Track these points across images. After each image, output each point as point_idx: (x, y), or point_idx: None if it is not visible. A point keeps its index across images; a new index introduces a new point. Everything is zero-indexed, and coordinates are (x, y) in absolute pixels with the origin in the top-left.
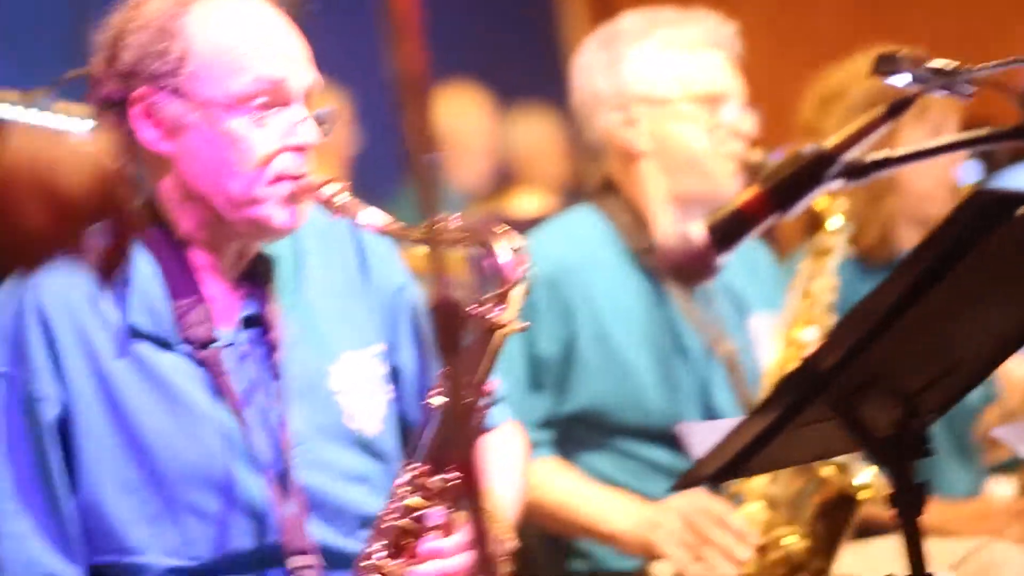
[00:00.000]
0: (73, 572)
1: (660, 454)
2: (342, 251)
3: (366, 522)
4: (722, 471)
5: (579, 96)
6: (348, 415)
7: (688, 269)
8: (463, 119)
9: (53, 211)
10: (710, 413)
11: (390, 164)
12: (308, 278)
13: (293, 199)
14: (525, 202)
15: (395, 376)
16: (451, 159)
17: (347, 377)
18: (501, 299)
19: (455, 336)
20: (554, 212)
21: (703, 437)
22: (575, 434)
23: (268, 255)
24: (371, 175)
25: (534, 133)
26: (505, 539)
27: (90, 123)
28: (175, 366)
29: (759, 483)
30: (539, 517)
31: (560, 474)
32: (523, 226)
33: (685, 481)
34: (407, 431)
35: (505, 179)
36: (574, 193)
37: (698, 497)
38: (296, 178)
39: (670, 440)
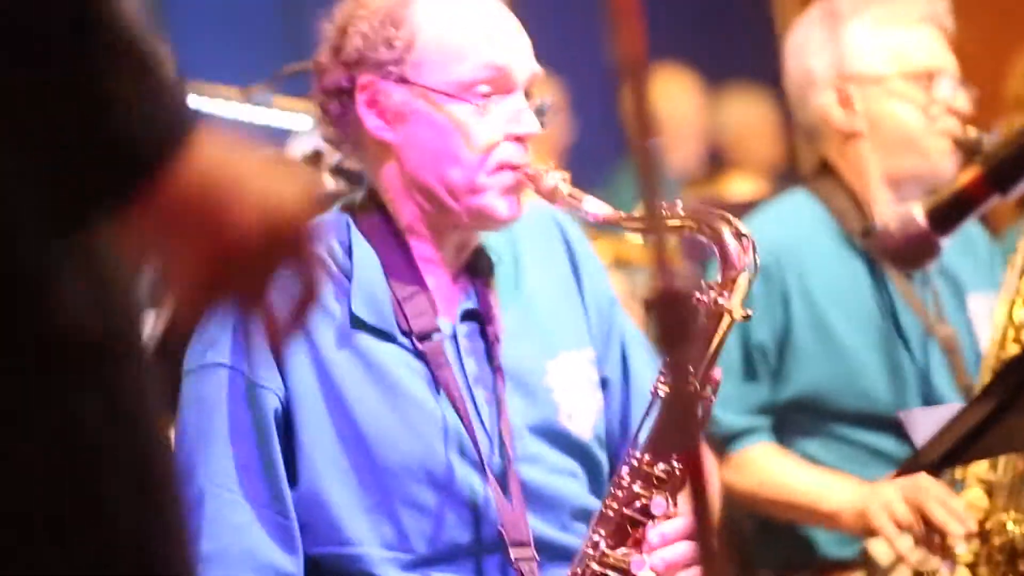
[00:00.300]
0: (292, 563)
1: (879, 440)
2: (555, 252)
3: (579, 515)
4: (945, 458)
5: (793, 76)
6: (565, 414)
7: (909, 253)
8: (673, 103)
9: (237, 240)
10: (929, 398)
11: (602, 154)
12: (526, 273)
13: (514, 189)
14: (738, 186)
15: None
16: (663, 144)
17: (564, 376)
18: (726, 286)
19: (681, 326)
20: (767, 196)
21: (925, 423)
22: (791, 421)
23: (487, 248)
24: (583, 166)
25: (746, 115)
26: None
27: (309, 119)
28: (395, 358)
29: (979, 469)
30: (757, 503)
31: (777, 459)
32: (738, 210)
33: (907, 467)
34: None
35: (716, 162)
36: (787, 176)
37: (920, 477)
38: (517, 167)
39: (889, 426)
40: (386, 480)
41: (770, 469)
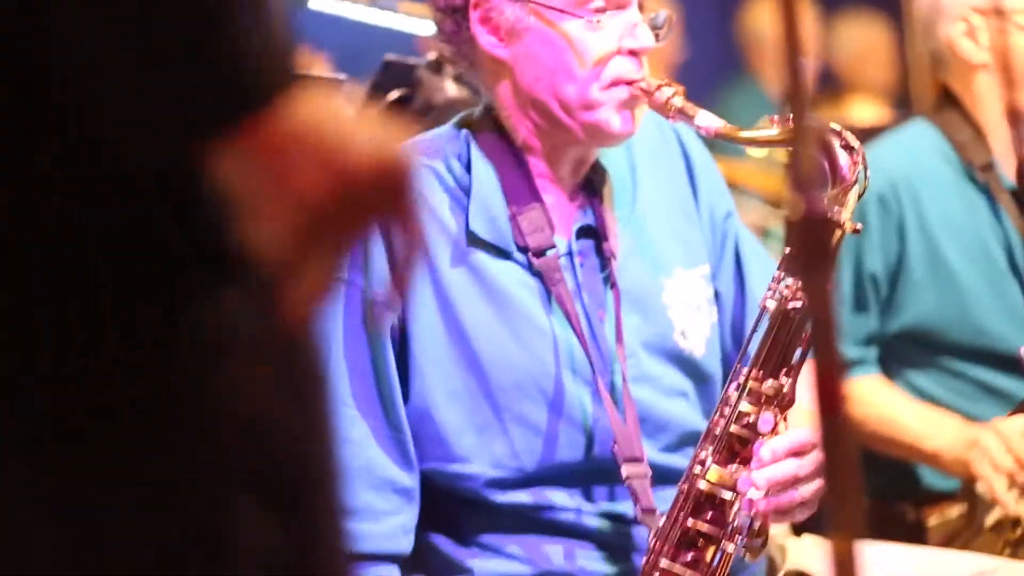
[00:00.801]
0: (409, 478)
1: (992, 377)
2: (672, 167)
3: (688, 438)
4: None
5: (921, 4)
6: (679, 331)
7: None
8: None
9: (335, 190)
10: None
11: (712, 73)
12: (642, 191)
13: (629, 103)
14: (854, 109)
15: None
16: (775, 66)
17: (679, 294)
18: (836, 199)
19: (823, 250)
20: (886, 122)
21: None
22: (901, 352)
23: (603, 166)
24: (694, 84)
25: (861, 39)
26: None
27: (432, 26)
28: (511, 274)
29: None
30: (862, 435)
31: (884, 392)
32: (858, 136)
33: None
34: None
35: (831, 85)
36: (902, 102)
37: (1021, 423)
38: (632, 82)
39: (1003, 362)
40: (497, 397)
41: (876, 403)
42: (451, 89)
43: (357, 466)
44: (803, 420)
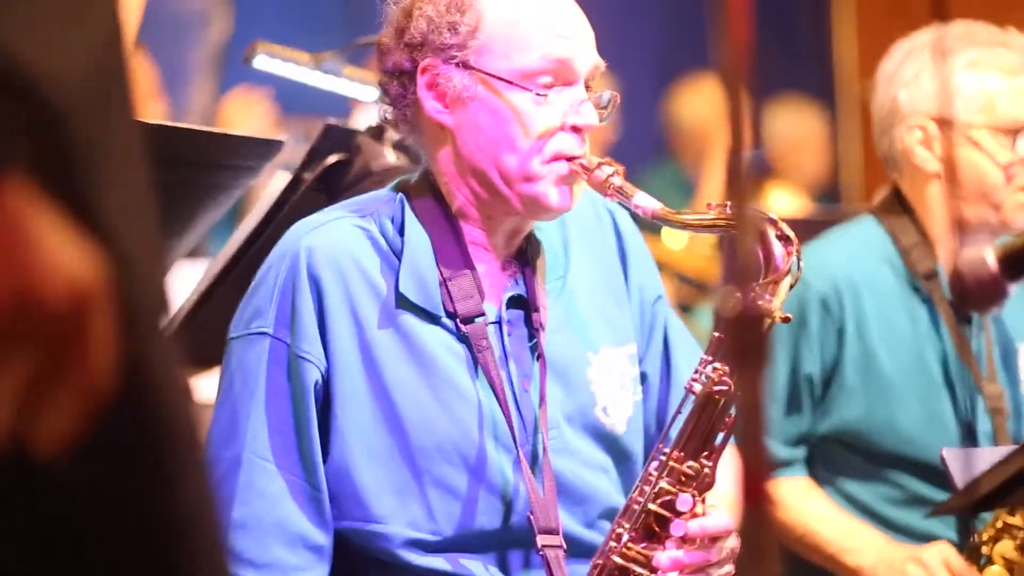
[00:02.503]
0: (322, 535)
1: (916, 484)
2: (605, 245)
3: (606, 513)
4: (985, 500)
5: (879, 103)
6: (601, 407)
7: (976, 296)
8: (719, 110)
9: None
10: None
11: (637, 154)
12: (573, 266)
13: (568, 179)
14: (780, 198)
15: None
16: (708, 151)
17: (604, 370)
18: (767, 288)
19: (758, 346)
20: (808, 211)
21: (966, 465)
22: (831, 456)
23: (537, 238)
24: (624, 161)
25: (793, 128)
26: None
27: (375, 91)
28: (438, 339)
29: (1005, 547)
30: (784, 536)
31: (810, 498)
32: (794, 228)
33: (945, 507)
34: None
35: (760, 173)
36: (831, 195)
37: (944, 550)
38: (573, 158)
39: (927, 471)
40: (418, 460)
41: (801, 508)
42: (390, 156)
43: (271, 520)
44: (722, 505)
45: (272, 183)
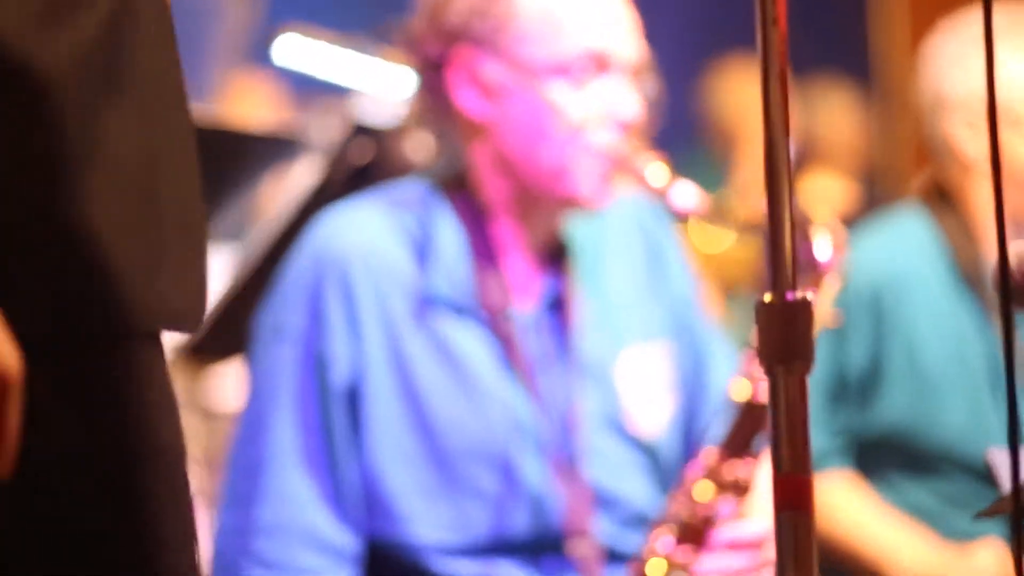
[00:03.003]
0: (349, 539)
1: (963, 484)
2: (642, 243)
3: (642, 517)
4: None
5: (924, 91)
6: (637, 407)
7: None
8: (754, 95)
9: None
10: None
11: (667, 137)
12: (609, 263)
13: (607, 173)
14: (822, 184)
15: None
16: (742, 138)
17: (639, 370)
18: (814, 288)
19: (798, 340)
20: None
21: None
22: (874, 460)
23: (574, 233)
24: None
25: (834, 111)
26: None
27: (413, 77)
28: (469, 337)
29: None
30: (825, 542)
31: (853, 497)
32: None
33: (992, 510)
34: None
35: (802, 159)
36: (871, 178)
37: (994, 556)
38: (611, 152)
39: (973, 471)
40: (447, 462)
41: (844, 508)
42: (416, 155)
43: (297, 525)
44: (762, 510)
45: (294, 175)
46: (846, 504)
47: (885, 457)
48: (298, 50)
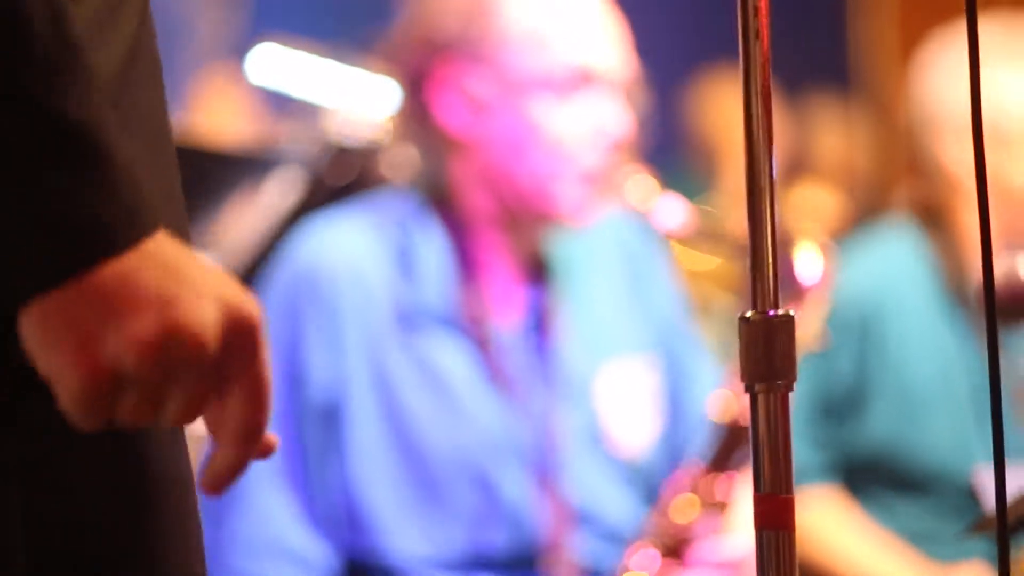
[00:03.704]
0: (324, 554)
1: (948, 502)
2: (627, 257)
3: (622, 532)
4: (1018, 524)
5: (914, 106)
6: (619, 421)
7: (1009, 307)
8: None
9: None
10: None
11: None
12: (592, 278)
13: (590, 188)
14: (813, 197)
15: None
16: (723, 153)
17: (621, 384)
18: (799, 306)
19: (783, 358)
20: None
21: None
22: (864, 475)
23: (556, 248)
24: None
25: (823, 124)
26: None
27: (394, 89)
28: (452, 351)
29: None
30: (806, 561)
31: (835, 514)
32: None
33: (978, 527)
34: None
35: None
36: (863, 192)
37: (975, 572)
38: (595, 168)
39: (957, 489)
40: (427, 478)
41: (825, 521)
42: (395, 172)
43: (270, 536)
44: (742, 528)
45: (267, 193)
46: (827, 521)
47: (872, 475)
48: (275, 63)
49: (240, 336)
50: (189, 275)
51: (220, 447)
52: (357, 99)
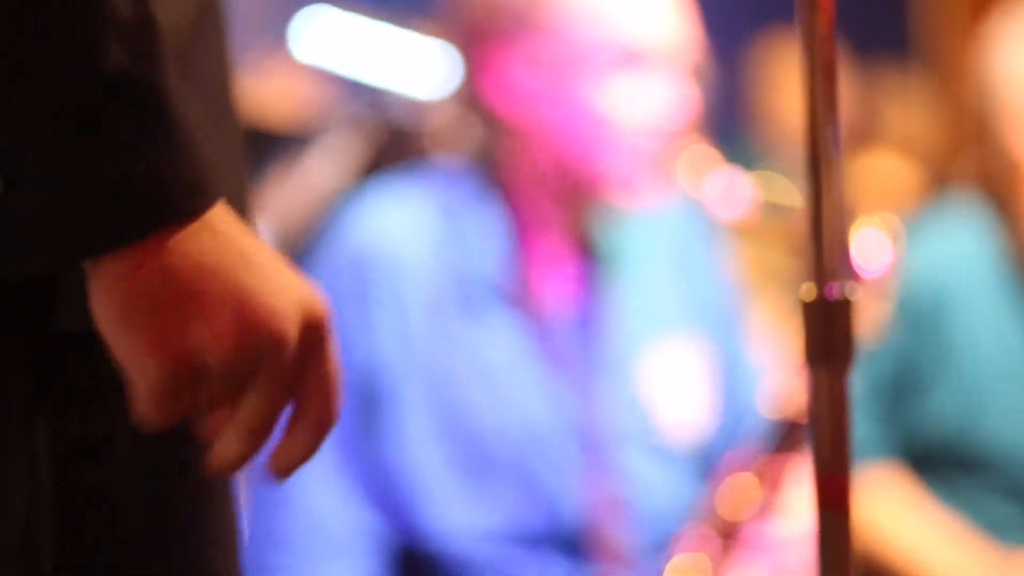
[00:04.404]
0: (367, 539)
1: (1013, 488)
2: (679, 240)
3: (674, 515)
4: None
5: (981, 84)
6: (670, 403)
7: None
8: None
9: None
10: None
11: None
12: (645, 260)
13: (643, 170)
14: (882, 166)
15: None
16: (785, 124)
17: (672, 366)
18: (863, 287)
19: (839, 341)
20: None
21: None
22: (931, 456)
23: (608, 228)
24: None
25: (894, 94)
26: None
27: (450, 63)
28: (499, 329)
29: None
30: (865, 543)
31: (899, 493)
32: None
33: None
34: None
35: (859, 142)
36: (934, 161)
37: None
38: (651, 149)
39: (1022, 475)
40: (474, 456)
41: (885, 504)
42: (448, 151)
43: (313, 529)
44: (799, 510)
45: (311, 170)
46: (891, 503)
47: (938, 458)
48: (326, 30)
49: (313, 330)
50: (262, 265)
51: (292, 435)
52: (411, 72)
